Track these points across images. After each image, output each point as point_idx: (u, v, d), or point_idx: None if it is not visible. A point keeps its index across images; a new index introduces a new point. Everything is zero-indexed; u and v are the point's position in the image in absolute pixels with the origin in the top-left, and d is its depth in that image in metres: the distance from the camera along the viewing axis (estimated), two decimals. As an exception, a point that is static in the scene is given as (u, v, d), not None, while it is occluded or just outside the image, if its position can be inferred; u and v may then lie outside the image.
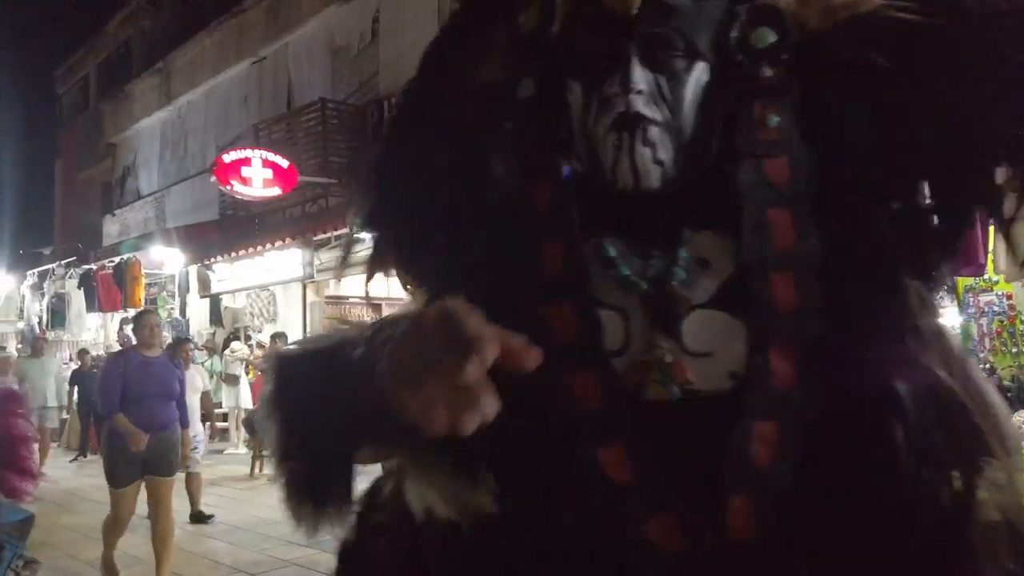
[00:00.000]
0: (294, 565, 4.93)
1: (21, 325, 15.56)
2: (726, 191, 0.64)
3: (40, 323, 14.09)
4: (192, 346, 7.55)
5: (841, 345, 0.59)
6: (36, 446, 8.24)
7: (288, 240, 9.10)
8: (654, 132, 0.64)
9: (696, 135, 0.65)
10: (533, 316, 0.63)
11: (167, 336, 11.83)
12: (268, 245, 9.30)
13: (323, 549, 5.08)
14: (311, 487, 0.63)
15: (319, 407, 0.62)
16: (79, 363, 10.57)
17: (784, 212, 0.62)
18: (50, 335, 13.34)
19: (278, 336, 8.88)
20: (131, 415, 4.35)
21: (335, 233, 8.64)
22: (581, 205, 0.66)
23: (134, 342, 4.88)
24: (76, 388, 10.07)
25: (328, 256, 9.24)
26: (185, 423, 4.81)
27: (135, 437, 4.35)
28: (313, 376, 0.64)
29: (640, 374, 0.62)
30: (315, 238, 8.89)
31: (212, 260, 10.61)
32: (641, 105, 0.64)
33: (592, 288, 0.64)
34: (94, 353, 10.93)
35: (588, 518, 0.59)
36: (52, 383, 9.59)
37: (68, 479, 8.42)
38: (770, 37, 0.66)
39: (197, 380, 7.16)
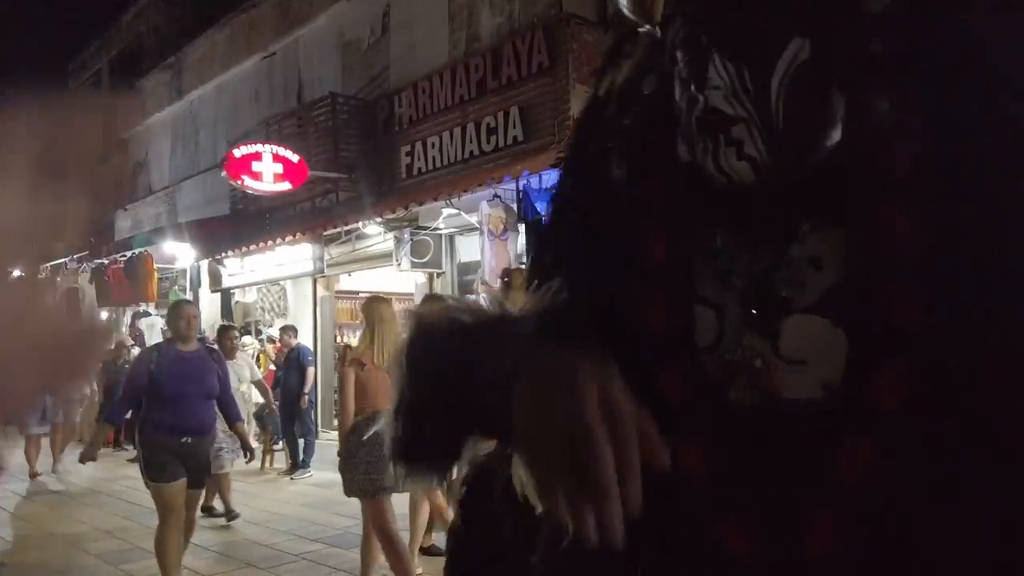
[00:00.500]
0: (304, 559, 4.94)
1: (34, 319, 15.62)
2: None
3: (53, 317, 14.16)
4: (236, 334, 7.13)
5: (966, 362, 0.52)
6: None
7: (298, 235, 9.11)
8: (737, 130, 0.58)
9: (793, 123, 0.56)
10: (632, 306, 0.62)
11: (169, 333, 11.93)
12: (279, 240, 9.32)
13: (333, 544, 5.10)
14: (416, 449, 0.66)
15: (445, 379, 0.64)
16: (115, 355, 10.64)
17: (903, 210, 0.54)
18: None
19: (288, 329, 8.90)
20: (165, 416, 3.97)
21: (345, 228, 8.65)
22: (696, 197, 0.62)
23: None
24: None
25: (338, 251, 9.25)
26: (237, 417, 4.48)
27: (88, 452, 4.15)
28: (450, 347, 0.65)
29: (726, 374, 0.59)
30: (325, 233, 8.90)
31: (223, 255, 10.65)
32: (719, 100, 0.58)
33: (694, 281, 0.61)
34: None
35: (660, 512, 0.58)
36: None
37: (82, 472, 8.47)
38: (881, 2, 0.56)
39: (245, 370, 6.80)
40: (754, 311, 0.59)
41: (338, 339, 10.70)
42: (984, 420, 0.51)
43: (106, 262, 12.13)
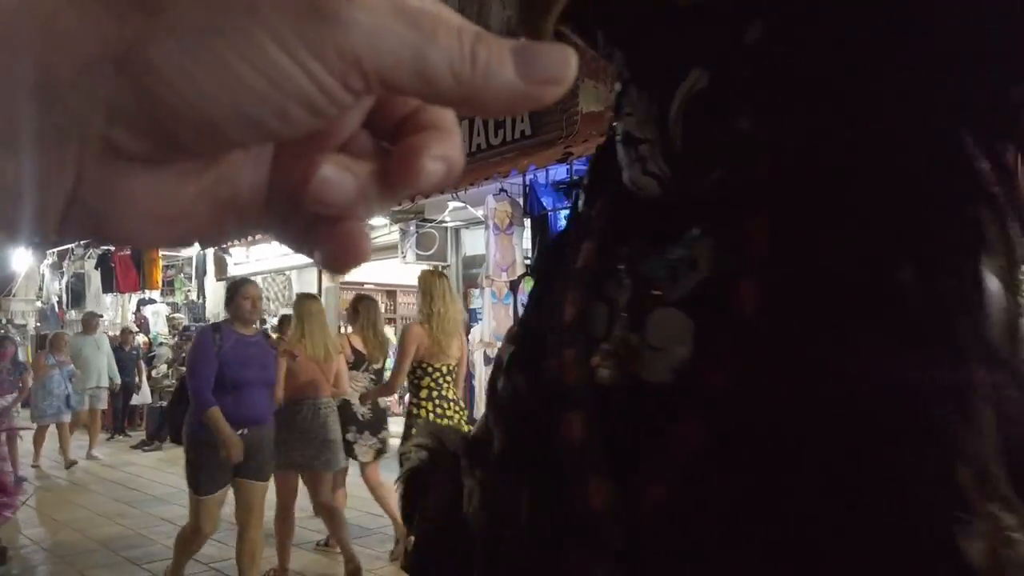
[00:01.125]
0: (301, 549, 4.95)
1: (40, 304, 15.74)
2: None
3: (60, 302, 14.24)
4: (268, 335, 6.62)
5: (805, 353, 0.58)
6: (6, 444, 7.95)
7: (304, 225, 9.12)
8: (643, 148, 0.68)
9: (688, 145, 0.66)
10: (556, 305, 0.73)
11: (182, 319, 11.95)
12: (284, 230, 9.33)
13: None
14: None
15: None
16: (121, 341, 10.55)
17: (761, 218, 0.62)
18: (68, 314, 13.47)
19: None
20: (226, 407, 3.52)
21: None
22: (627, 212, 0.72)
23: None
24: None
25: (344, 242, 9.24)
26: None
27: (231, 444, 3.47)
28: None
29: (601, 360, 0.69)
30: (331, 224, 8.89)
31: (229, 243, 10.67)
32: (632, 127, 0.69)
33: (603, 282, 0.71)
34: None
35: (546, 472, 0.69)
36: (105, 362, 9.32)
37: (82, 457, 8.50)
38: (756, 33, 0.63)
39: None
40: (626, 307, 0.69)
41: (342, 329, 10.73)
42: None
43: (112, 248, 12.16)
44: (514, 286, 6.29)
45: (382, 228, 8.61)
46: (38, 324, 14.92)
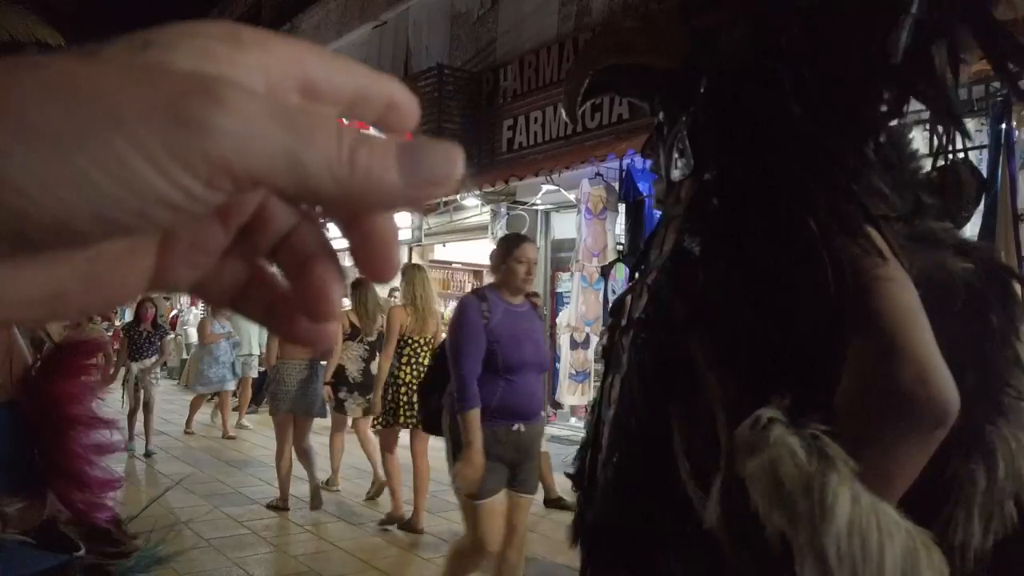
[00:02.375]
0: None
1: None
2: None
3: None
4: (535, 294, 5.93)
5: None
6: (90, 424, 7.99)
7: (399, 203, 9.28)
8: (657, 184, 1.22)
9: (667, 173, 1.10)
10: None
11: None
12: (380, 207, 9.52)
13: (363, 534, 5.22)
14: None
15: None
16: None
17: (672, 226, 1.02)
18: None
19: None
20: (493, 393, 2.77)
21: (444, 198, 8.77)
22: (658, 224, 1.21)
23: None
24: None
25: (436, 221, 9.40)
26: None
27: (474, 462, 2.72)
28: None
29: (603, 331, 1.22)
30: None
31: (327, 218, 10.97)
32: (654, 167, 1.17)
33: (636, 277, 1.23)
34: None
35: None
36: (258, 328, 9.47)
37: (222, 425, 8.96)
38: (704, 84, 0.99)
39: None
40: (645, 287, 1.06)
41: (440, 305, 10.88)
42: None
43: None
44: (605, 272, 6.24)
45: (473, 209, 8.70)
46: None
